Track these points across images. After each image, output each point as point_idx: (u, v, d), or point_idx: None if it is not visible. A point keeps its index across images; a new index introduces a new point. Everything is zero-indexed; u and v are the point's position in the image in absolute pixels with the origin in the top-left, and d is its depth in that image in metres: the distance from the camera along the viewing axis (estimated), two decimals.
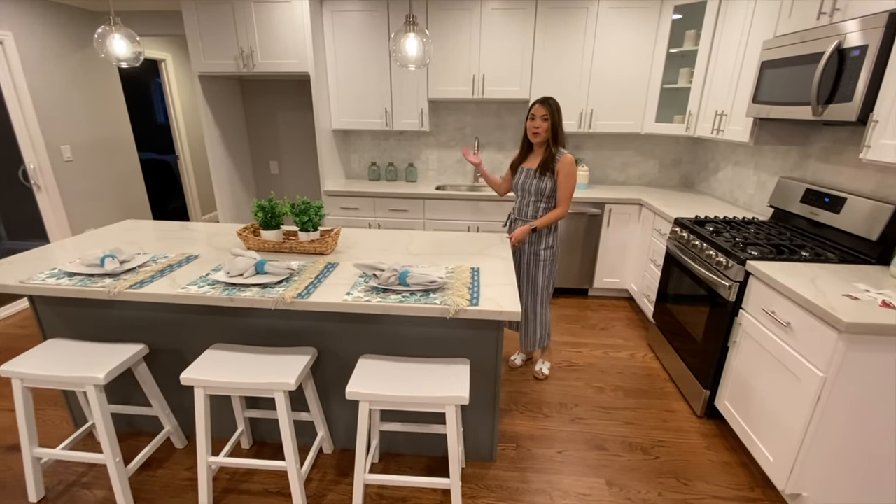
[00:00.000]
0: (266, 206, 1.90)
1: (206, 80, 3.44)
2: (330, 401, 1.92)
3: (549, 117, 2.14)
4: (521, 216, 2.35)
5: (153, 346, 1.87)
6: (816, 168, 2.40)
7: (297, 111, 4.03)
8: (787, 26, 2.20)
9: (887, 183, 1.98)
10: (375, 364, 1.61)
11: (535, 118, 2.16)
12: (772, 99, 2.21)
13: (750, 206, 2.97)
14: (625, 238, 3.41)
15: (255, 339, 1.82)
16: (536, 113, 2.16)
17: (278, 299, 1.50)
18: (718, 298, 2.09)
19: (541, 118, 2.15)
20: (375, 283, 1.57)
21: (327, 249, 1.93)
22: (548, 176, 2.20)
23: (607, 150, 3.82)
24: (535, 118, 2.16)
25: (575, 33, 3.25)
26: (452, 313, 1.44)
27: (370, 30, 3.33)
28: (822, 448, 1.60)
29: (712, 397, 2.19)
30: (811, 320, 1.57)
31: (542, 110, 2.14)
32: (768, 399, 1.78)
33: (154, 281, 1.64)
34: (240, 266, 1.64)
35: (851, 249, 2.01)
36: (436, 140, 3.91)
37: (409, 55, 1.75)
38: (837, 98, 1.82)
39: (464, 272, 1.73)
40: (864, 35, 1.70)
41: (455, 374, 1.55)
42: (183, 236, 2.22)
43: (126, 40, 1.72)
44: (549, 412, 2.27)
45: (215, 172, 3.65)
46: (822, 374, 1.52)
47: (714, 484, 1.85)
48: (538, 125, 2.15)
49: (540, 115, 2.14)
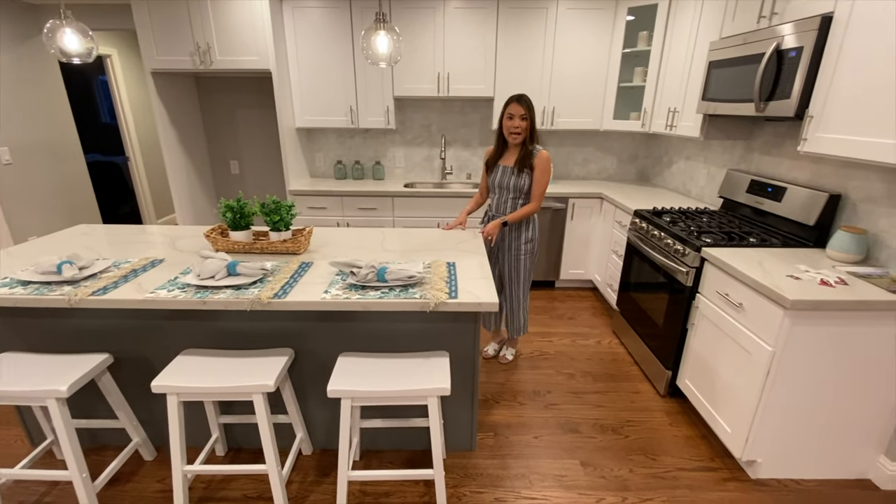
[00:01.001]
0: (234, 206, 1.86)
1: (159, 78, 3.29)
2: (308, 402, 1.91)
3: (527, 116, 2.15)
4: (498, 213, 2.38)
5: (118, 355, 1.79)
6: (760, 160, 2.59)
7: (258, 109, 3.92)
8: (731, 28, 2.36)
9: (821, 172, 2.17)
10: (355, 361, 1.61)
11: (514, 118, 2.15)
12: (719, 96, 2.37)
13: (701, 197, 3.16)
14: (588, 231, 3.55)
15: (229, 343, 1.77)
16: (515, 112, 2.15)
17: (254, 300, 1.47)
18: (677, 284, 2.23)
19: (520, 118, 2.14)
20: (353, 280, 1.57)
21: (300, 249, 1.90)
22: (525, 172, 2.23)
23: (569, 147, 3.95)
24: (513, 117, 2.15)
25: (535, 33, 3.34)
26: (433, 307, 1.46)
27: (333, 26, 3.29)
28: (772, 416, 1.75)
29: (674, 377, 2.33)
30: (760, 300, 1.71)
31: (520, 109, 2.14)
32: (725, 375, 1.93)
33: (118, 287, 1.57)
34: (211, 268, 1.59)
35: (792, 234, 2.20)
36: (402, 138, 3.91)
37: (379, 52, 1.75)
38: (777, 95, 1.98)
39: (440, 267, 1.76)
40: (799, 37, 1.86)
41: (435, 366, 1.58)
42: (144, 240, 2.13)
43: (78, 35, 1.62)
44: (524, 400, 2.34)
45: (172, 174, 3.50)
46: (771, 349, 1.66)
47: (678, 457, 1.98)
48: (518, 125, 2.15)
49: (519, 115, 2.14)
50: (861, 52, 1.63)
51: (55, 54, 1.67)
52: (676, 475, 1.88)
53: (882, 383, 1.69)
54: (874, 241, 1.90)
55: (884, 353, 1.64)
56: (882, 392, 1.71)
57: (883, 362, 1.66)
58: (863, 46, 1.63)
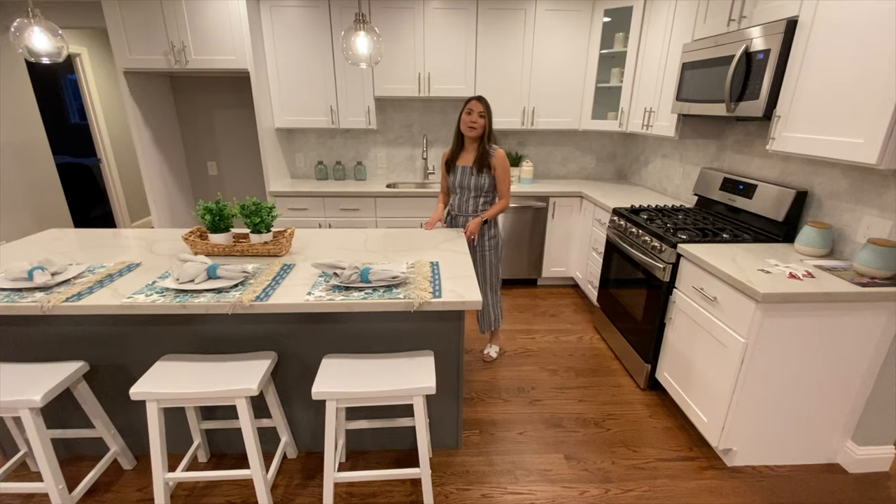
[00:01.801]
0: (213, 208, 1.83)
1: (132, 77, 3.21)
2: (292, 405, 1.89)
3: (485, 114, 2.24)
4: (461, 212, 2.45)
5: (93, 363, 1.74)
6: (732, 159, 2.68)
7: (235, 109, 3.86)
8: (702, 31, 2.43)
9: (789, 170, 2.26)
10: (340, 362, 1.61)
11: (473, 113, 2.23)
12: (692, 97, 2.44)
13: (677, 195, 3.25)
14: (568, 229, 3.60)
15: (209, 348, 1.75)
16: (474, 108, 2.23)
17: (236, 303, 1.46)
18: (654, 280, 2.29)
19: (478, 114, 2.23)
20: (337, 281, 1.57)
21: (281, 251, 1.89)
22: (485, 172, 2.31)
23: (549, 146, 4.00)
24: (472, 112, 2.24)
25: (515, 34, 3.37)
26: (417, 306, 1.47)
27: (312, 26, 3.26)
28: (746, 405, 1.82)
29: (653, 371, 2.39)
30: (733, 293, 1.77)
31: (479, 107, 2.23)
32: (701, 367, 1.99)
33: (93, 292, 1.53)
34: (190, 271, 1.57)
35: (763, 230, 2.28)
36: (384, 138, 3.90)
37: (360, 53, 1.75)
38: (747, 96, 2.05)
39: (424, 266, 1.77)
40: (766, 40, 1.93)
41: (420, 365, 1.59)
42: (119, 244, 2.07)
43: (47, 33, 1.57)
44: (508, 397, 2.37)
45: (147, 176, 3.41)
46: (744, 340, 1.72)
47: (658, 448, 2.03)
48: (475, 120, 2.24)
49: (477, 112, 2.23)
50: (824, 54, 1.71)
51: (22, 53, 1.61)
52: (656, 465, 1.93)
53: (848, 371, 1.78)
54: (838, 236, 1.98)
55: (849, 342, 1.72)
56: (848, 379, 1.79)
57: (848, 351, 1.74)
58: (826, 48, 1.70)
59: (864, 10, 1.55)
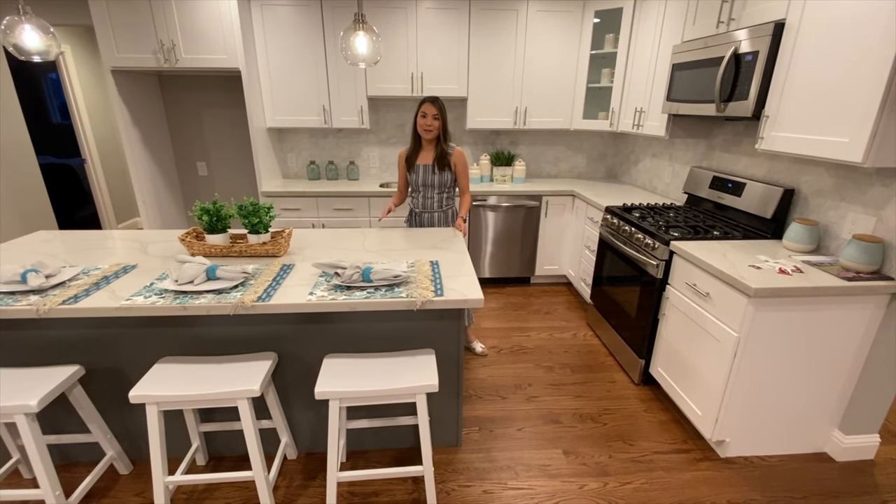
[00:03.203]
0: (210, 208, 1.81)
1: (120, 76, 3.15)
2: (291, 405, 1.89)
3: (439, 116, 2.31)
4: (426, 209, 2.54)
5: (89, 366, 1.72)
6: (720, 158, 2.74)
7: (226, 109, 3.81)
8: (692, 33, 2.49)
9: (776, 168, 2.32)
10: (341, 362, 1.61)
11: (427, 116, 2.31)
12: (682, 97, 2.49)
13: (667, 193, 3.31)
14: (561, 228, 3.64)
15: (208, 350, 1.73)
16: (428, 111, 2.30)
17: (237, 304, 1.45)
18: (647, 277, 2.33)
19: (432, 117, 2.30)
20: (338, 281, 1.57)
21: (280, 251, 1.88)
22: (446, 170, 2.42)
23: (540, 146, 4.04)
24: (426, 116, 2.31)
25: (507, 34, 3.40)
26: (419, 305, 1.48)
27: (303, 25, 3.24)
28: (738, 398, 1.87)
29: (647, 366, 2.44)
30: (726, 289, 1.81)
31: (433, 109, 2.29)
32: (694, 361, 2.03)
33: (90, 295, 1.51)
34: (189, 272, 1.56)
35: (751, 227, 2.34)
36: (376, 137, 3.90)
37: (359, 53, 1.75)
38: (736, 97, 2.10)
39: (424, 266, 1.78)
40: (754, 42, 1.98)
41: (422, 363, 1.60)
42: (111, 246, 2.04)
43: (39, 31, 1.54)
44: (506, 394, 2.39)
45: (136, 177, 3.36)
46: (737, 334, 1.77)
47: (654, 441, 2.07)
48: (430, 123, 2.31)
49: (431, 114, 2.30)
50: (811, 56, 1.76)
51: (12, 51, 1.57)
52: (653, 458, 1.97)
53: (835, 362, 1.84)
54: (824, 232, 2.05)
55: (835, 334, 1.78)
56: (835, 370, 1.85)
57: (835, 343, 1.80)
58: (812, 50, 1.75)
59: (849, 12, 1.61)
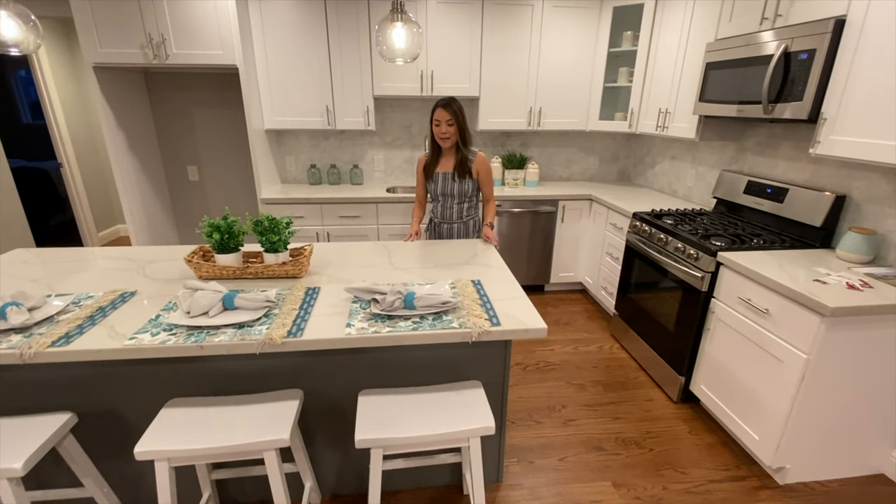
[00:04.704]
0: (222, 225, 1.59)
1: (103, 73, 2.86)
2: (314, 444, 1.68)
3: (454, 121, 2.10)
4: (445, 219, 2.35)
5: (83, 411, 1.48)
6: (753, 161, 2.62)
7: (219, 109, 3.54)
8: (728, 30, 2.35)
9: (821, 174, 2.20)
10: (379, 401, 1.41)
11: (441, 123, 2.10)
12: (717, 98, 2.35)
13: (689, 198, 3.18)
14: (577, 233, 3.49)
15: (221, 388, 1.51)
16: (441, 118, 2.10)
17: (265, 341, 1.24)
18: (690, 289, 2.18)
19: (446, 123, 2.10)
20: (378, 309, 1.37)
21: (301, 272, 1.67)
22: (467, 178, 2.22)
23: (552, 148, 3.88)
24: (440, 124, 2.10)
25: (521, 31, 3.23)
26: (475, 337, 1.30)
27: (305, 21, 3.01)
28: (802, 422, 1.73)
29: (687, 382, 2.29)
30: (791, 306, 1.67)
31: (445, 115, 2.09)
32: (749, 382, 1.89)
33: (84, 332, 1.27)
34: (202, 302, 1.34)
35: (797, 235, 2.21)
36: (381, 140, 3.68)
37: (396, 48, 1.55)
38: (785, 98, 1.97)
39: (466, 286, 1.59)
40: (810, 40, 1.84)
41: (472, 400, 1.41)
42: (103, 267, 1.79)
43: (17, 19, 1.30)
44: (540, 418, 2.22)
45: (121, 182, 3.07)
46: (806, 356, 1.63)
47: (706, 468, 1.93)
48: (445, 131, 2.11)
49: (445, 121, 2.09)
50: (876, 55, 1.63)
51: None
52: (709, 488, 1.83)
53: None
54: (882, 241, 1.93)
55: None
56: None
57: None
58: (878, 49, 1.63)
59: None
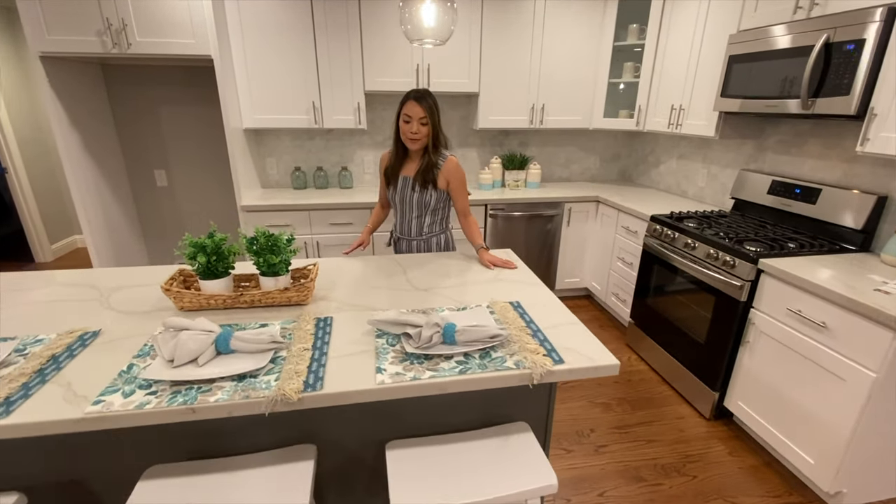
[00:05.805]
0: (209, 244, 1.29)
1: (52, 64, 2.47)
2: (326, 501, 1.41)
3: (428, 120, 1.70)
4: (404, 234, 1.97)
5: (36, 488, 1.16)
6: (775, 160, 2.49)
7: (188, 107, 3.18)
8: (753, 21, 2.20)
9: (855, 172, 2.08)
10: (412, 455, 1.16)
11: (412, 121, 1.70)
12: (744, 93, 2.20)
13: (702, 198, 3.05)
14: (584, 236, 3.32)
15: (212, 449, 1.22)
16: (412, 115, 1.69)
17: (275, 398, 0.97)
18: (724, 297, 2.02)
19: (418, 122, 1.70)
20: (412, 346, 1.12)
21: (307, 298, 1.39)
22: (430, 188, 1.82)
23: (552, 147, 3.70)
24: (410, 121, 1.70)
25: (523, 23, 3.02)
26: (538, 379, 1.06)
27: (289, 8, 2.70)
28: (864, 445, 1.59)
29: (721, 398, 2.14)
30: (854, 319, 1.52)
31: (419, 111, 1.68)
32: (801, 400, 1.74)
33: (31, 395, 0.97)
34: (190, 347, 1.05)
35: (835, 239, 2.08)
36: (371, 139, 3.40)
37: (425, 26, 1.29)
38: (826, 92, 1.83)
39: (506, 311, 1.36)
40: (857, 29, 1.70)
41: (523, 448, 1.18)
42: (57, 296, 1.46)
43: None
44: (569, 445, 2.02)
45: (77, 188, 2.68)
46: (874, 375, 1.48)
47: (756, 495, 1.77)
48: (416, 130, 1.71)
49: (417, 119, 1.69)
50: None
51: None
52: None
53: None
54: None
55: None
56: None
57: None
58: None
59: None
